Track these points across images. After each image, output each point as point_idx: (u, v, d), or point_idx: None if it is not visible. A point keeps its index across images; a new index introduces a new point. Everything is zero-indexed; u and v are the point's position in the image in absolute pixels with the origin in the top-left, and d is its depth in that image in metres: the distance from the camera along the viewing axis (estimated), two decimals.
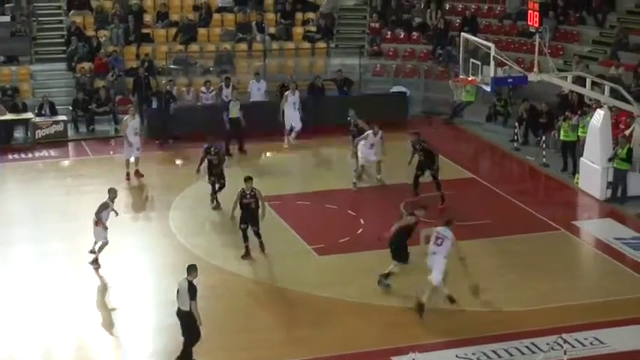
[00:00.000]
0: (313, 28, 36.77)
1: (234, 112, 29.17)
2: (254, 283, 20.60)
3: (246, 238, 21.55)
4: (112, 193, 21.43)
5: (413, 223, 19.82)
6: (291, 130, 30.55)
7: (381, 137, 26.21)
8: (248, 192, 21.51)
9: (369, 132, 26.26)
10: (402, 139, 27.09)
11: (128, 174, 26.89)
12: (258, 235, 21.65)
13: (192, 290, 16.49)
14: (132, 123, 27.12)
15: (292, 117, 30.61)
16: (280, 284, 20.38)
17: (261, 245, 21.71)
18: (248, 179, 21.63)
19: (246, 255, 21.55)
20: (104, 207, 21.12)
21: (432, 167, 24.89)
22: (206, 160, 24.78)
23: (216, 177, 24.58)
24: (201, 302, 16.78)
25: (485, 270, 20.73)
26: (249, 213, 21.51)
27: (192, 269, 16.75)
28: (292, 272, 20.95)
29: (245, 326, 18.54)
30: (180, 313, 16.77)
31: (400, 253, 19.73)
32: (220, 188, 24.56)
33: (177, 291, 16.76)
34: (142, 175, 26.98)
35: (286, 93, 30.93)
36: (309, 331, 18.34)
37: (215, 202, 24.56)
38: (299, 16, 37.38)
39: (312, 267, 21.26)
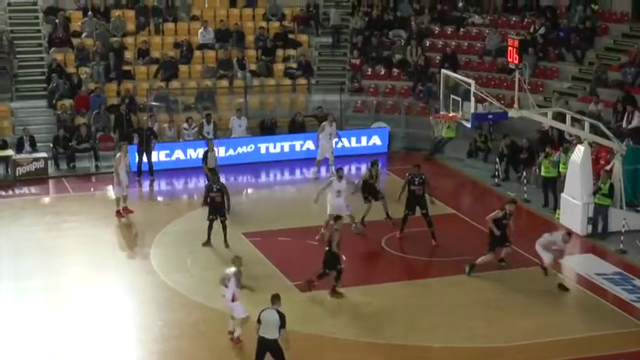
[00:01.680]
0: (294, 65, 36.91)
1: (212, 162, 28.97)
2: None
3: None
4: (238, 262, 19.49)
5: (502, 215, 22.31)
6: (323, 159, 30.86)
7: (347, 181, 25.25)
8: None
9: (333, 178, 25.20)
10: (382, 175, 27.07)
11: (118, 211, 26.72)
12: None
13: (282, 319, 17.00)
14: (124, 160, 26.96)
15: (327, 148, 30.84)
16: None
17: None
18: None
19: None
20: (237, 277, 19.43)
21: (423, 205, 24.77)
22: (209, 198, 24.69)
23: (219, 214, 24.29)
24: (182, 340, 16.69)
25: (466, 305, 20.76)
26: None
27: (276, 299, 17.22)
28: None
29: None
30: (268, 343, 17.07)
31: (495, 242, 22.31)
32: (224, 228, 24.25)
33: (259, 321, 17.06)
34: (132, 212, 26.83)
35: (324, 123, 31.17)
36: None
37: (208, 239, 24.31)
38: (280, 52, 37.52)
39: (295, 303, 21.13)
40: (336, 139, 31.29)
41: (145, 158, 30.50)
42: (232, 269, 19.01)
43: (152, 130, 31.23)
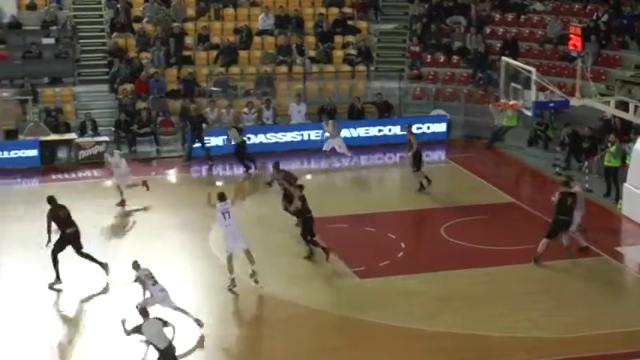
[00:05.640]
0: (353, 52, 36.85)
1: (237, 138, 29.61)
2: (293, 306, 20.51)
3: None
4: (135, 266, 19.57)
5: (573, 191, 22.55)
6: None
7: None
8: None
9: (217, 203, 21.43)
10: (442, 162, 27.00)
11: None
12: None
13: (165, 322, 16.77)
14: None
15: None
16: (320, 307, 20.29)
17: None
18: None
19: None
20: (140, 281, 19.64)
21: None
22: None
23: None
24: (238, 325, 16.73)
25: (527, 295, 20.61)
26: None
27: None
28: (333, 295, 20.90)
29: (285, 348, 18.50)
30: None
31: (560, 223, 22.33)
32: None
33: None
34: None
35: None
36: (350, 355, 18.24)
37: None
38: (339, 39, 37.48)
39: (353, 290, 21.18)
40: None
41: (198, 144, 30.78)
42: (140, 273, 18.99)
43: (202, 116, 31.41)
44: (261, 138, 31.92)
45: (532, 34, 37.27)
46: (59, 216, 21.39)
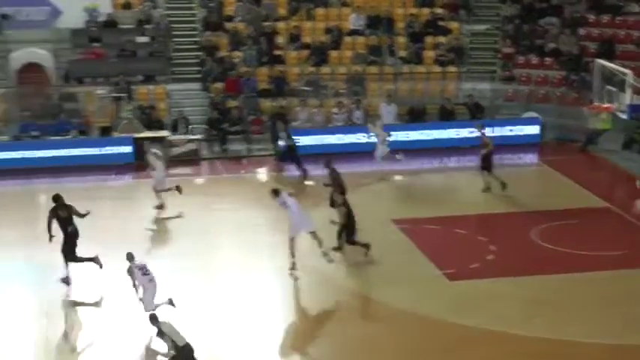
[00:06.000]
0: (445, 52, 36.64)
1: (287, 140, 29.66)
2: (384, 307, 20.49)
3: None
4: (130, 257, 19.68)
5: None
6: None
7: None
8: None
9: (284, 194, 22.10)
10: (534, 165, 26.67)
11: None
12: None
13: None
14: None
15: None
16: (410, 309, 20.21)
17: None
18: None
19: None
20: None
21: None
22: None
23: None
24: (329, 325, 16.75)
25: (615, 302, 20.19)
26: None
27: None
28: (423, 297, 20.81)
29: (374, 349, 18.46)
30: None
31: None
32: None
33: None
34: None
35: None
36: (442, 359, 18.17)
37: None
38: (429, 39, 37.32)
39: (443, 292, 21.07)
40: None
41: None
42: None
43: (282, 115, 31.51)
44: (351, 138, 31.95)
45: (628, 35, 36.54)
46: (59, 215, 21.52)
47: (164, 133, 31.89)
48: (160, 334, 16.84)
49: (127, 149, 31.22)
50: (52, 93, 34.27)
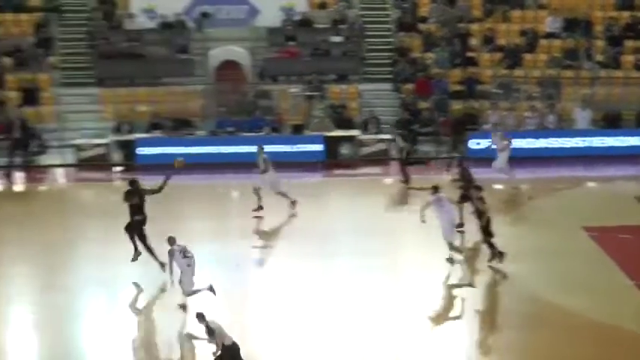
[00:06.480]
0: None
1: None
2: (570, 315, 19.97)
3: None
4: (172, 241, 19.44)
5: None
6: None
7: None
8: None
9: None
10: None
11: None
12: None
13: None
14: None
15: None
16: (598, 318, 19.63)
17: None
18: None
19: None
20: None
21: None
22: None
23: None
24: (516, 332, 16.45)
25: None
26: None
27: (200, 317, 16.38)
28: (612, 306, 20.16)
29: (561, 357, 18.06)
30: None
31: None
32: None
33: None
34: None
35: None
36: None
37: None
38: (629, 43, 36.17)
39: (635, 303, 20.36)
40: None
41: None
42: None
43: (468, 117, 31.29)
44: (543, 142, 31.49)
45: None
46: (130, 201, 21.12)
47: (354, 132, 32.20)
48: (209, 332, 16.77)
49: (319, 147, 31.72)
50: (248, 90, 35.21)
